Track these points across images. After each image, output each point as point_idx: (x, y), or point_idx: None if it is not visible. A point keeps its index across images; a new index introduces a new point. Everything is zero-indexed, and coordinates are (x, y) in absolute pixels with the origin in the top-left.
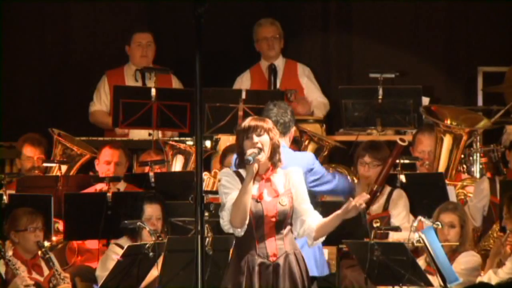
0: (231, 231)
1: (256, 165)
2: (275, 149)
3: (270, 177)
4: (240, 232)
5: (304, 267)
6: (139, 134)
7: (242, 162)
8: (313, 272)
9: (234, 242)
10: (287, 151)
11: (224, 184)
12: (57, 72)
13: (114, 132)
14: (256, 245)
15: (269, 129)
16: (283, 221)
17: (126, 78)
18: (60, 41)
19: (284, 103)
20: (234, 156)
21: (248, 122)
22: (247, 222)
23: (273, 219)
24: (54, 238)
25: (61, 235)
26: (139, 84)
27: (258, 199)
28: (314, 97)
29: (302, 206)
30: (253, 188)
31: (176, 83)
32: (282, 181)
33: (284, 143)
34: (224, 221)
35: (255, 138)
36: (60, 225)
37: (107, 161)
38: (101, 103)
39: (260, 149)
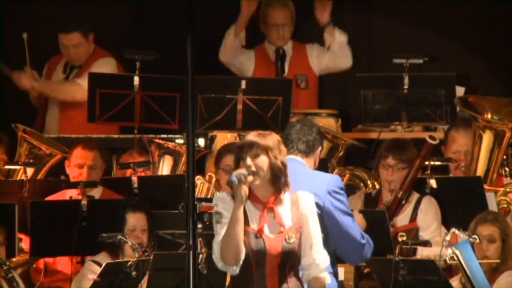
0: (224, 269)
1: (245, 188)
2: (277, 172)
3: (274, 207)
4: (235, 270)
5: None
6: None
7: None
8: None
9: (229, 280)
10: (306, 171)
11: (220, 211)
12: (20, 58)
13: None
14: (254, 287)
15: (268, 147)
16: (288, 261)
17: (58, 67)
18: (24, 24)
19: (310, 121)
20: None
21: (245, 138)
22: (242, 257)
23: (278, 259)
24: (14, 259)
25: (26, 255)
26: (64, 76)
27: (258, 234)
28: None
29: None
30: (253, 220)
31: (108, 66)
32: (289, 210)
33: (306, 163)
34: (216, 257)
35: (249, 161)
36: (25, 243)
37: (78, 164)
38: None
39: (254, 172)
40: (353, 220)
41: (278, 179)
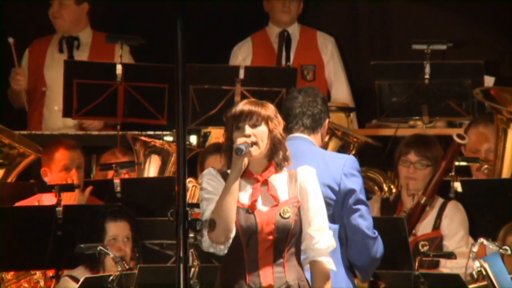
0: (211, 249)
1: (246, 160)
2: (276, 144)
3: (269, 179)
4: (222, 249)
5: None
6: (99, 126)
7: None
8: None
9: (219, 268)
10: (316, 151)
11: (206, 187)
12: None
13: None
14: (246, 272)
15: (268, 117)
16: (285, 239)
17: (50, 48)
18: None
19: (313, 89)
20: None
21: (241, 106)
22: (232, 235)
23: (271, 237)
24: None
25: None
26: (65, 56)
27: (250, 209)
28: (336, 88)
29: (307, 221)
30: (245, 194)
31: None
32: (285, 184)
33: (314, 141)
34: (203, 235)
35: (248, 130)
36: None
37: (65, 167)
38: None
39: (254, 143)
40: (368, 210)
41: (276, 152)
